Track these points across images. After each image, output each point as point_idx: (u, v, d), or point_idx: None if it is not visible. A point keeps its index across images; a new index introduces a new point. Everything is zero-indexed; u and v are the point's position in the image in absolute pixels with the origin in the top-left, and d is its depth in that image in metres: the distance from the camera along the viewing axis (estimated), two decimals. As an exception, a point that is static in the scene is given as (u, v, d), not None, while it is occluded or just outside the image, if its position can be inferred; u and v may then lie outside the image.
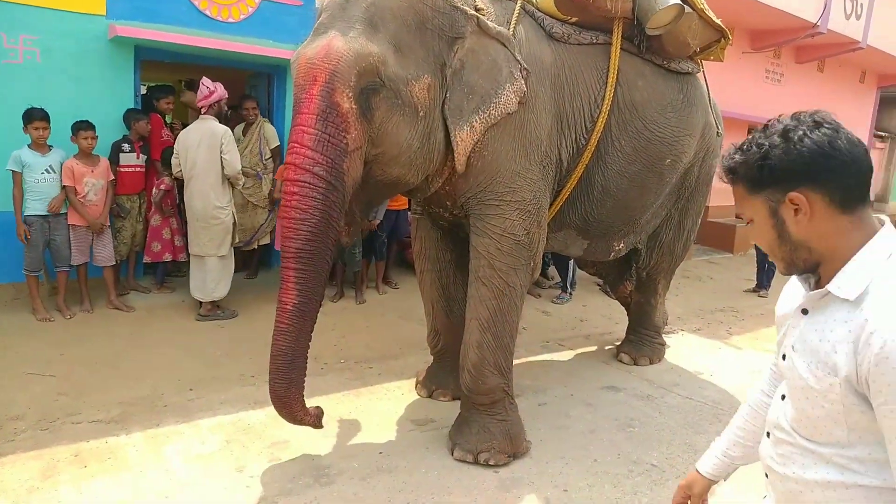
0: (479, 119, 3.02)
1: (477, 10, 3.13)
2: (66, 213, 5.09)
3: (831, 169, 1.19)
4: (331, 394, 4.03)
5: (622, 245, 4.23)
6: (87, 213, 5.11)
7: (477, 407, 3.35)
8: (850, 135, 1.22)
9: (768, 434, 1.41)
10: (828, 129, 1.20)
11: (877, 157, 15.11)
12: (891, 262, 1.18)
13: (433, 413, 3.87)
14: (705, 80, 4.31)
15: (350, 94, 2.68)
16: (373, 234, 6.22)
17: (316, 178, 2.67)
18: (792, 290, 1.41)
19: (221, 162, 5.15)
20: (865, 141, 14.28)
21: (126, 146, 5.50)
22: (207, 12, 6.06)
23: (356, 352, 4.82)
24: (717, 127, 4.42)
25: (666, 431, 3.82)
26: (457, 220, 3.52)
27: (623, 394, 4.35)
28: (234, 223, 5.35)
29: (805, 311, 1.29)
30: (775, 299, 5.38)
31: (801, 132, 1.20)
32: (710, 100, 4.33)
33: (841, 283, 1.20)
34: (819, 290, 1.25)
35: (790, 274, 1.36)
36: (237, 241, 5.53)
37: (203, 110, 5.26)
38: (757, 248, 8.05)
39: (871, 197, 1.42)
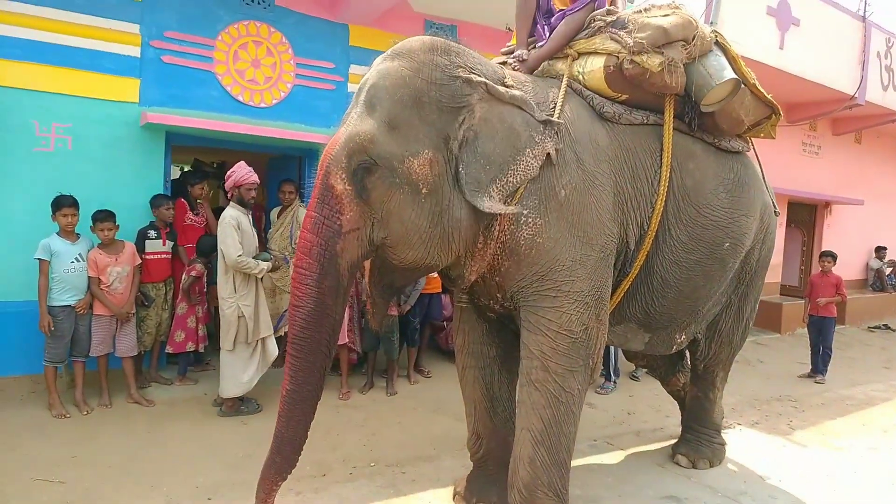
0: (497, 188, 2.81)
1: (505, 85, 2.96)
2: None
3: None
4: (361, 505, 3.66)
5: (684, 337, 3.90)
6: (112, 304, 4.93)
7: (528, 532, 2.95)
8: None
9: None
10: None
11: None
12: None
13: (475, 531, 3.46)
14: (758, 159, 4.07)
15: (343, 176, 2.68)
16: (404, 318, 5.94)
17: (311, 263, 2.69)
18: None
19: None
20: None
21: (152, 233, 5.38)
22: (240, 98, 6.07)
23: (387, 452, 4.44)
24: (774, 206, 4.15)
25: (741, 555, 3.35)
26: (507, 312, 3.24)
27: (685, 505, 3.89)
28: (244, 317, 4.92)
29: None
30: (834, 387, 4.88)
31: None
32: (764, 178, 4.08)
33: None
34: None
35: None
36: (261, 335, 5.11)
37: (228, 195, 5.15)
38: (809, 330, 7.60)
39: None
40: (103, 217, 4.92)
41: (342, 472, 4.09)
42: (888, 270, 12.41)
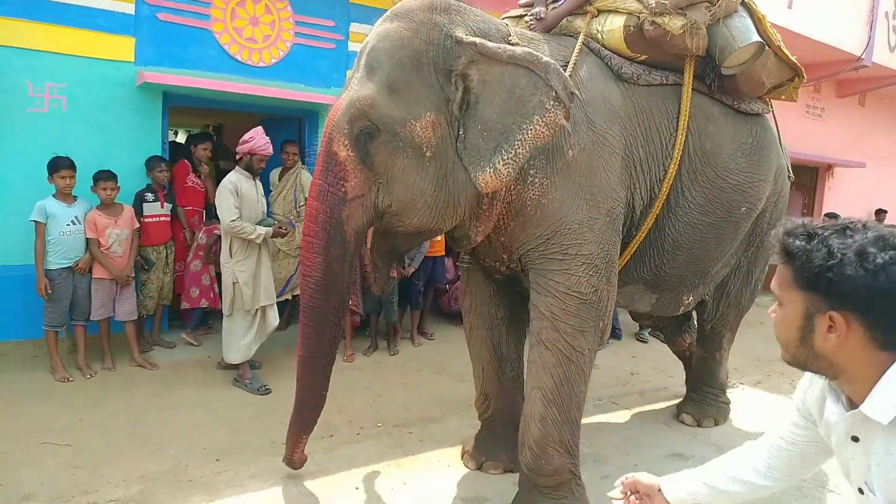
0: (503, 161, 2.63)
1: (508, 43, 2.84)
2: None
3: (889, 311, 1.11)
4: (370, 465, 3.66)
5: (691, 298, 3.87)
6: (112, 266, 4.86)
7: (539, 489, 2.96)
8: None
9: None
10: None
11: (921, 193, 14.53)
12: None
13: (485, 489, 3.45)
14: (775, 122, 3.99)
15: (346, 142, 2.67)
16: (408, 281, 5.90)
17: (318, 230, 2.72)
18: (816, 393, 1.36)
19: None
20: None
21: (149, 195, 5.26)
22: (238, 57, 5.91)
23: (393, 413, 4.45)
24: (788, 170, 4.09)
25: (748, 511, 3.37)
26: (514, 273, 3.20)
27: (692, 463, 3.86)
28: (238, 283, 4.74)
29: (855, 439, 1.21)
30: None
31: (879, 261, 1.10)
32: (780, 141, 4.01)
33: (874, 405, 1.12)
34: (856, 411, 1.17)
35: (791, 366, 1.28)
36: (260, 302, 4.90)
37: (237, 157, 5.01)
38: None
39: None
40: (106, 176, 4.83)
41: (349, 433, 4.09)
42: (888, 234, 12.42)
